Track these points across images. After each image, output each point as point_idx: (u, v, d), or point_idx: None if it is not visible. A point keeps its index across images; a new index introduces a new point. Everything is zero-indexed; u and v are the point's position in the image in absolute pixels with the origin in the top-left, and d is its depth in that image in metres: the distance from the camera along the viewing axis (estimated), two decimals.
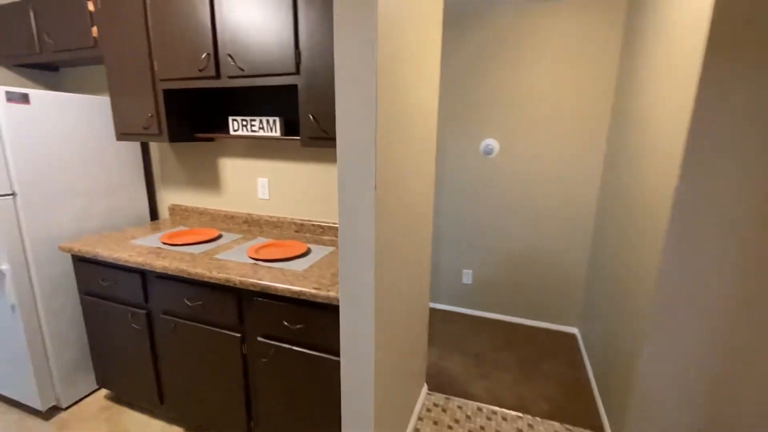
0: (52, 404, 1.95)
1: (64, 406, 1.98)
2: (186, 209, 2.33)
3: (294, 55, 1.50)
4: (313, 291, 1.32)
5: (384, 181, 1.15)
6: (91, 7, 1.86)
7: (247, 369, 1.59)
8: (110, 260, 1.69)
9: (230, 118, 1.88)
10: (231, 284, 1.45)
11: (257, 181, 2.13)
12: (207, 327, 1.60)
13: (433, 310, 3.17)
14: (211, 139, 2.17)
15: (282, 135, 1.81)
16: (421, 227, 1.72)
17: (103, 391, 2.13)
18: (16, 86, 2.29)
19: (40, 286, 1.82)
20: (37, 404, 1.89)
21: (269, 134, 1.82)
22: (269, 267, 1.55)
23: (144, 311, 1.73)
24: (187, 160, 2.27)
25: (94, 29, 1.89)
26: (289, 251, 1.72)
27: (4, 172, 1.67)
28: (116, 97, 1.91)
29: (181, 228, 2.11)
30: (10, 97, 1.65)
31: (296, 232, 2.07)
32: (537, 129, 2.64)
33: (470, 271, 3.02)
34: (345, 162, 1.11)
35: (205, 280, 1.50)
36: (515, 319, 2.99)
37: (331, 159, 1.93)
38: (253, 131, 1.86)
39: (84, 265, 1.82)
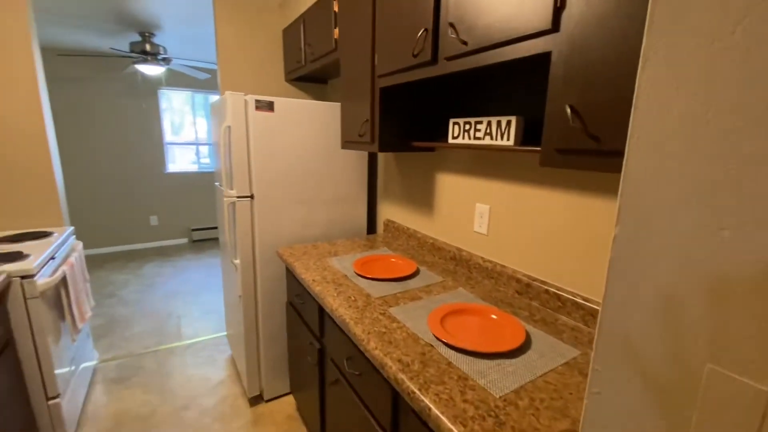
0: (257, 393, 2.06)
1: (266, 398, 2.07)
2: (398, 228, 2.02)
3: None
4: None
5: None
6: (335, 7, 1.78)
7: None
8: (299, 279, 1.53)
9: (450, 122, 1.37)
10: (384, 375, 0.93)
11: (475, 208, 1.53)
12: (361, 405, 1.16)
13: None
14: (431, 149, 1.74)
15: (516, 144, 1.14)
16: None
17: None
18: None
19: (261, 285, 1.91)
20: (246, 388, 2.03)
21: (497, 142, 1.19)
22: (450, 360, 0.93)
23: (318, 347, 1.49)
24: (406, 172, 1.94)
25: (336, 31, 1.81)
26: (492, 336, 1.04)
27: (246, 176, 1.79)
28: (345, 102, 1.76)
29: (383, 251, 1.79)
30: (259, 106, 1.73)
31: (517, 293, 1.34)
32: None
33: None
34: (637, 222, 0.35)
35: (359, 348, 1.05)
36: None
37: (605, 188, 1.09)
38: (476, 138, 1.27)
39: (290, 274, 1.77)
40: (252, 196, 1.82)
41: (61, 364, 1.69)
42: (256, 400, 2.08)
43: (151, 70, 3.67)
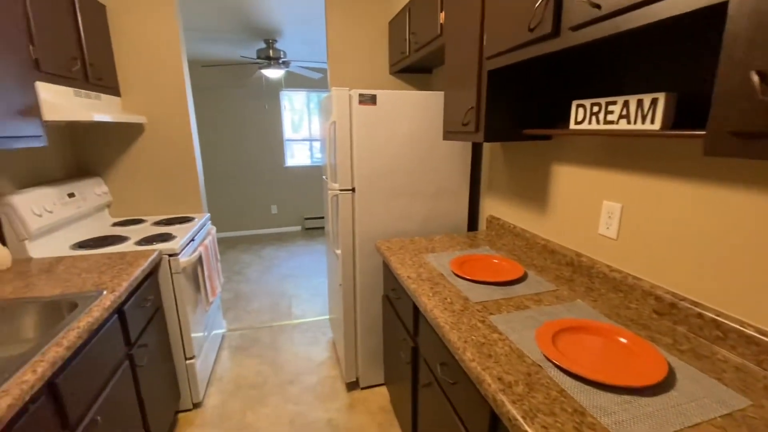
0: (354, 379, 2.13)
1: (362, 385, 2.13)
2: (503, 225, 1.85)
3: None
4: None
5: None
6: None
7: None
8: (395, 274, 1.51)
9: (573, 104, 1.17)
10: (481, 392, 0.84)
11: (602, 206, 1.29)
12: (456, 417, 1.07)
13: None
14: (548, 137, 1.54)
15: (665, 128, 0.91)
16: None
17: None
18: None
19: (360, 276, 1.95)
20: (344, 373, 2.12)
21: (638, 126, 0.97)
22: (563, 387, 0.78)
23: (412, 345, 1.44)
24: (515, 164, 1.76)
25: (442, 15, 1.71)
26: (620, 365, 0.85)
27: (349, 170, 1.83)
28: (448, 90, 1.66)
29: (485, 250, 1.66)
30: (362, 100, 1.75)
31: (655, 313, 1.09)
32: None
33: None
34: None
35: (455, 356, 0.96)
36: None
37: None
38: (608, 122, 1.06)
39: (386, 268, 1.77)
40: (353, 190, 1.86)
41: (197, 329, 1.99)
42: (352, 386, 2.16)
43: (273, 73, 4.07)
